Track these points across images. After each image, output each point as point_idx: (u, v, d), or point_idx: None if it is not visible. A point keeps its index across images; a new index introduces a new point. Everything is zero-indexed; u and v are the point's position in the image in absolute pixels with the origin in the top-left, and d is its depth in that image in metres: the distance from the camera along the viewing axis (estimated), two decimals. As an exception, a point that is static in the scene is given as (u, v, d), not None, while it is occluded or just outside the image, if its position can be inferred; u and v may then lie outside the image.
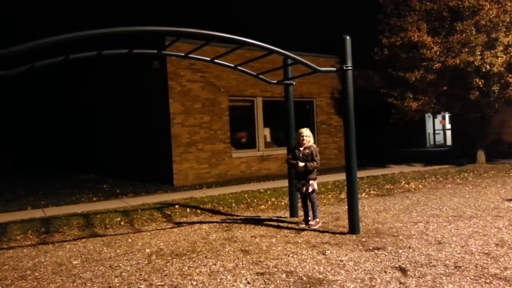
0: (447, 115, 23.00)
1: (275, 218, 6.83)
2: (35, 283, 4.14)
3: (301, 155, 5.90)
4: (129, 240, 5.75)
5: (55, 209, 8.40)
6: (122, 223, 6.84)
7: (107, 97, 16.49)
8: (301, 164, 5.83)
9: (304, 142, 5.92)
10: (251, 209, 7.73)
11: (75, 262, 4.79)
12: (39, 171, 18.10)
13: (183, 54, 6.14)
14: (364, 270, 4.08)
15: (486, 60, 11.60)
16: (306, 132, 5.98)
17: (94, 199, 9.66)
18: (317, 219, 6.05)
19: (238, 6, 25.52)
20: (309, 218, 6.08)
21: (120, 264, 4.63)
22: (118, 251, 5.21)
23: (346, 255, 4.59)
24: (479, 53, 11.69)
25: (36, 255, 5.19)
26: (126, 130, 14.58)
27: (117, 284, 4.01)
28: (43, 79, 21.53)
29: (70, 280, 4.18)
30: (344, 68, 5.47)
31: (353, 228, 5.50)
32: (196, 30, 4.84)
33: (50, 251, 5.33)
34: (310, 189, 5.92)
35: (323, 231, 5.71)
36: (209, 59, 6.30)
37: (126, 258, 4.88)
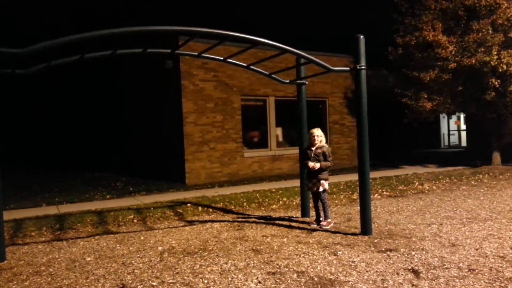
0: (462, 116, 22.68)
1: (287, 218, 6.82)
2: (50, 279, 4.21)
3: (312, 154, 5.89)
4: (142, 237, 5.80)
5: (69, 206, 8.52)
6: (135, 220, 6.91)
7: (121, 96, 16.67)
8: (311, 163, 5.82)
9: (316, 142, 5.92)
10: (263, 208, 7.74)
11: (88, 259, 4.86)
12: (54, 169, 18.37)
13: (196, 54, 6.17)
14: (376, 271, 4.05)
15: (502, 60, 11.40)
16: (317, 132, 5.97)
17: (108, 196, 9.77)
18: (329, 220, 6.03)
19: (250, 5, 25.52)
20: (321, 219, 6.06)
21: (133, 261, 4.68)
22: (130, 248, 5.26)
23: (358, 256, 4.56)
24: (495, 52, 11.49)
25: (51, 251, 5.28)
26: (140, 129, 14.72)
27: (130, 281, 4.05)
28: (60, 78, 21.85)
29: (83, 277, 4.24)
30: (358, 67, 5.43)
31: (365, 229, 5.47)
32: (209, 30, 4.86)
33: (64, 248, 5.41)
34: (321, 189, 5.90)
35: (334, 232, 5.69)
36: (222, 58, 6.31)
37: (138, 255, 4.93)
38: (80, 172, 16.31)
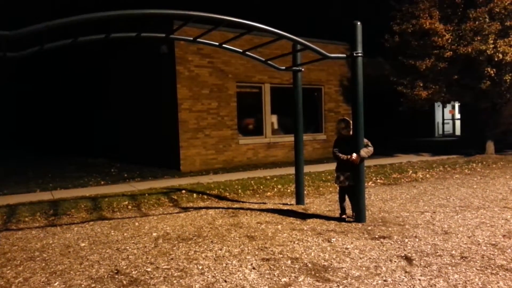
0: (456, 105, 22.76)
1: (281, 205, 6.84)
2: (43, 264, 4.20)
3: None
4: (136, 223, 5.80)
5: (63, 192, 8.49)
6: (130, 207, 6.90)
7: (116, 82, 16.51)
8: (355, 155, 5.37)
9: (352, 132, 5.50)
10: (257, 195, 7.75)
11: (82, 245, 4.85)
12: (48, 154, 18.27)
13: (192, 39, 6.08)
14: (370, 258, 4.08)
15: (499, 48, 11.39)
16: (351, 121, 5.51)
17: (102, 182, 9.73)
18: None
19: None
20: (344, 215, 5.69)
21: (127, 247, 4.68)
22: (125, 234, 5.26)
23: (352, 243, 4.59)
24: (492, 41, 11.47)
25: (45, 236, 5.26)
26: (134, 115, 14.62)
27: (124, 267, 4.05)
28: (54, 64, 21.59)
29: (77, 262, 4.23)
30: (354, 54, 5.39)
31: (359, 216, 5.50)
32: (205, 14, 4.78)
33: (58, 233, 5.40)
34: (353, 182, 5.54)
35: (329, 219, 5.71)
36: (217, 43, 6.24)
37: (133, 241, 4.93)
38: (73, 158, 16.23)
